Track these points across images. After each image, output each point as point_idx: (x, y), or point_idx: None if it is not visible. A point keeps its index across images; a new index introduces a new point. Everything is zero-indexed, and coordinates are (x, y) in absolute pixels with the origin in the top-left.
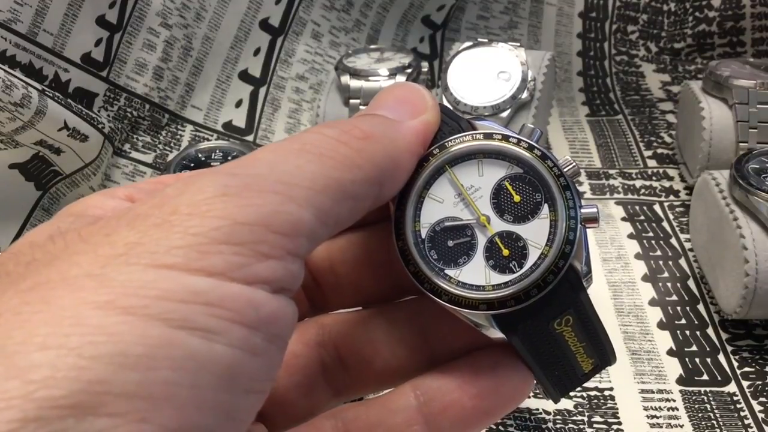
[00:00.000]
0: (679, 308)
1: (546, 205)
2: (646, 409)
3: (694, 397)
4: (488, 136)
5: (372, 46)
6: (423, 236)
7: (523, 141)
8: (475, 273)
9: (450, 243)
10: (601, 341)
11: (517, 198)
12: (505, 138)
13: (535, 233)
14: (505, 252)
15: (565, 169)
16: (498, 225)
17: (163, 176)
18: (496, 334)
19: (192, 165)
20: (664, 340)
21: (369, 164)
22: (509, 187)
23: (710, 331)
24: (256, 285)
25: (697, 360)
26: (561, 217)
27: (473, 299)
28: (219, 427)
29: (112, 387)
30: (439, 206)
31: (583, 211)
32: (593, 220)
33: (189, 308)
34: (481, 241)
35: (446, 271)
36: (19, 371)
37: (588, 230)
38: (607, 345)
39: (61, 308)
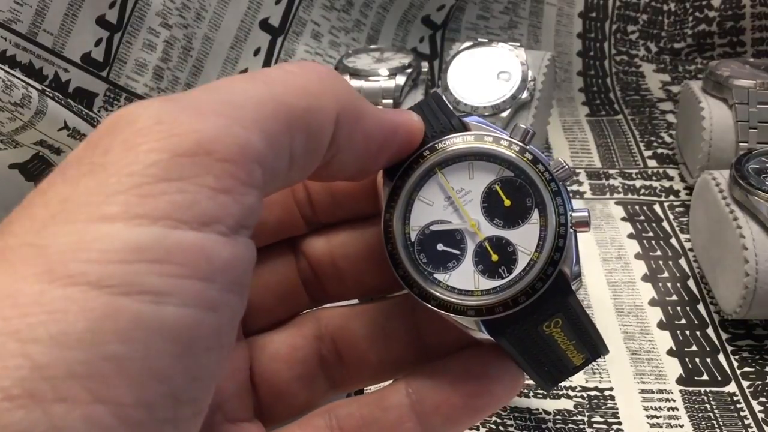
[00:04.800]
0: (679, 308)
1: (536, 210)
2: (646, 409)
3: (694, 397)
4: (479, 137)
5: (372, 46)
6: (412, 239)
7: (515, 144)
8: (464, 277)
9: (439, 247)
10: (591, 338)
11: (507, 202)
12: (497, 140)
13: (525, 238)
14: (495, 257)
15: (556, 173)
16: (488, 230)
17: None
18: (484, 336)
19: None
20: (664, 340)
21: (325, 94)
22: (500, 191)
23: (710, 331)
24: (207, 228)
25: (697, 360)
26: (551, 222)
27: (461, 305)
28: (182, 392)
29: (58, 370)
30: (428, 209)
31: (573, 215)
32: (584, 224)
33: (132, 269)
34: (471, 245)
35: (435, 275)
36: None
37: (587, 230)
38: (597, 339)
39: None
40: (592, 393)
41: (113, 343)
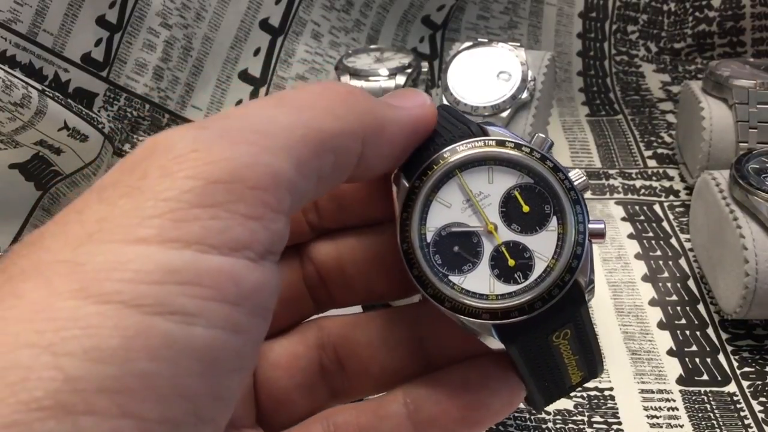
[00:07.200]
0: (679, 308)
1: (555, 218)
2: (646, 409)
3: (694, 397)
4: (501, 143)
5: (372, 46)
6: (428, 240)
7: (536, 151)
8: (480, 281)
9: (455, 249)
10: (593, 354)
11: (526, 208)
12: (518, 147)
13: (543, 245)
14: (511, 262)
15: (575, 183)
16: (505, 234)
17: None
18: (493, 343)
19: None
20: (664, 340)
21: (350, 115)
22: (519, 197)
23: (710, 331)
24: (237, 253)
25: (697, 360)
26: (570, 230)
27: (476, 308)
28: (205, 411)
29: (89, 384)
30: (446, 211)
31: (590, 226)
32: (600, 235)
33: (164, 290)
34: (488, 249)
35: (450, 277)
36: None
37: (602, 241)
38: (597, 357)
39: (33, 302)
40: (592, 393)
41: (143, 361)
